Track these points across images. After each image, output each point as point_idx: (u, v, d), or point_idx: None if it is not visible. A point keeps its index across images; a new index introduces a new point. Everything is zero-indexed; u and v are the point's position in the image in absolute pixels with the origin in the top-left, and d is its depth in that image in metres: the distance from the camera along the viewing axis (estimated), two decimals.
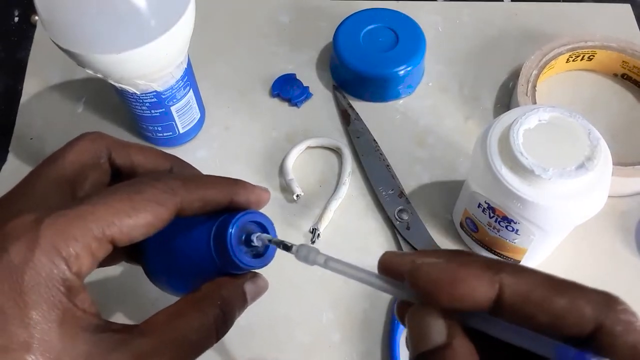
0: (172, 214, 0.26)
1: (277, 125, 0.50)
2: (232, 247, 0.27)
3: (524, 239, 0.38)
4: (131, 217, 0.25)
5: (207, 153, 0.49)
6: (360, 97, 0.52)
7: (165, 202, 0.26)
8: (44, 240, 0.23)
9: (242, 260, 0.27)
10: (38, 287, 0.22)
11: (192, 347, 0.25)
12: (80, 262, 0.24)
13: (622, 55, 0.51)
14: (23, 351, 0.22)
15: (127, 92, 0.41)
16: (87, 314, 0.24)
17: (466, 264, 0.21)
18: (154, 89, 0.41)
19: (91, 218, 0.24)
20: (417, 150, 0.49)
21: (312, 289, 0.42)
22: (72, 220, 0.24)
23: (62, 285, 0.23)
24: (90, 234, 0.24)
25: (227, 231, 0.27)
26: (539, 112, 0.36)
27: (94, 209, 0.24)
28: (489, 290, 0.20)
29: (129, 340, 0.24)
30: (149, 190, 0.26)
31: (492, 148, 0.35)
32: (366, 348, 0.40)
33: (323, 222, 0.44)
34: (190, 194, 0.27)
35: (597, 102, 0.52)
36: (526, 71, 0.50)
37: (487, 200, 0.37)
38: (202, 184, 0.28)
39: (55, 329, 0.22)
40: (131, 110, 0.44)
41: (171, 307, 0.26)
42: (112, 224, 0.24)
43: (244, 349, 0.40)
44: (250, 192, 0.30)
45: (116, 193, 0.25)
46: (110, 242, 0.24)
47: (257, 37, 0.56)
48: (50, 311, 0.23)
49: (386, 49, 0.50)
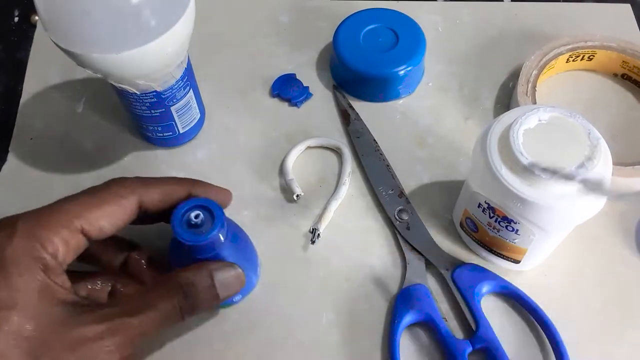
0: (133, 205, 0.32)
1: (277, 125, 0.50)
2: (175, 226, 0.32)
3: (524, 239, 0.38)
4: (97, 209, 0.31)
5: (207, 153, 0.49)
6: (360, 97, 0.52)
7: (126, 196, 0.32)
8: (21, 229, 0.28)
9: (183, 236, 0.32)
10: (18, 261, 0.27)
11: (155, 319, 0.30)
12: (54, 247, 0.29)
13: (622, 56, 0.51)
14: (9, 310, 0.27)
15: (127, 92, 0.41)
16: (62, 288, 0.29)
17: None
18: (154, 89, 0.41)
19: (61, 211, 0.30)
20: (417, 150, 0.49)
21: (312, 289, 0.42)
22: (45, 213, 0.30)
23: (40, 262, 0.28)
24: (60, 224, 0.29)
25: (172, 214, 0.33)
26: (539, 112, 0.36)
27: (64, 204, 0.30)
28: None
29: (97, 309, 0.29)
30: (112, 188, 0.32)
31: (492, 148, 0.35)
32: (366, 348, 0.40)
33: (323, 222, 0.44)
34: (148, 188, 0.33)
35: (597, 102, 0.52)
36: (526, 71, 0.50)
37: (487, 200, 0.37)
38: (160, 181, 0.34)
39: (35, 295, 0.27)
40: (131, 110, 0.44)
41: (142, 287, 0.34)
42: (80, 215, 0.30)
43: (244, 349, 0.40)
44: (209, 190, 0.35)
45: (85, 192, 0.32)
46: (82, 232, 0.30)
47: (257, 37, 0.56)
48: (30, 281, 0.27)
49: (386, 49, 0.50)
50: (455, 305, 0.41)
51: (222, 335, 0.40)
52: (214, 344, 0.40)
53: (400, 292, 0.41)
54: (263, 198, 0.46)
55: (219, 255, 0.35)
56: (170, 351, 0.40)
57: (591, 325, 0.40)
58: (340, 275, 0.43)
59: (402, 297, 0.40)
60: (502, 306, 0.41)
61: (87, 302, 0.29)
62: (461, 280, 0.41)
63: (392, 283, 0.42)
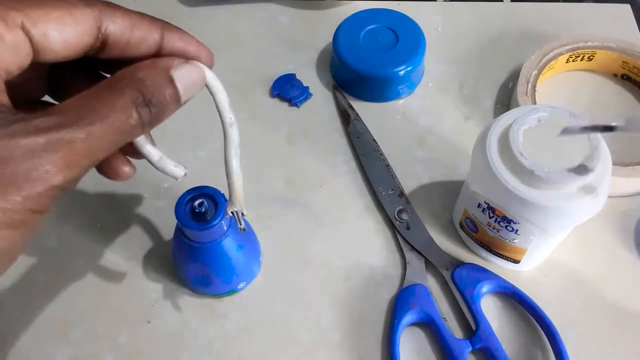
0: (90, 22, 0.25)
1: (277, 125, 0.50)
2: (179, 214, 0.33)
3: (524, 239, 0.38)
4: (41, 9, 0.23)
5: (206, 153, 0.49)
6: (360, 97, 0.52)
7: (81, 7, 0.24)
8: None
9: (187, 224, 0.33)
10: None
11: (106, 130, 0.23)
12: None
13: (622, 56, 0.51)
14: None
15: None
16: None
17: None
18: None
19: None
20: (417, 150, 0.49)
21: (312, 289, 0.42)
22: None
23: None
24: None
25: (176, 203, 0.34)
26: (538, 112, 0.36)
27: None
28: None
29: (31, 117, 0.22)
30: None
31: (492, 148, 0.35)
32: (366, 348, 0.40)
33: (237, 197, 0.31)
34: (113, 11, 0.26)
35: (597, 102, 0.52)
36: (526, 71, 0.50)
37: (487, 200, 0.37)
38: (129, 11, 0.26)
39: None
40: None
41: (85, 91, 0.24)
42: (19, 9, 0.23)
43: (244, 349, 0.40)
44: (185, 39, 0.28)
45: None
46: (22, 30, 0.23)
47: (257, 37, 0.56)
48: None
49: (386, 49, 0.51)
50: (455, 305, 0.41)
51: (222, 335, 0.40)
52: (214, 344, 0.40)
53: (400, 292, 0.41)
54: (263, 198, 0.46)
55: (221, 244, 0.36)
56: (170, 351, 0.40)
57: (591, 325, 0.40)
58: (340, 275, 0.43)
59: (402, 297, 0.40)
60: (502, 306, 0.41)
61: (18, 113, 0.22)
62: (461, 280, 0.41)
63: (392, 283, 0.42)
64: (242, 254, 0.39)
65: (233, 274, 0.39)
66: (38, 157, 0.21)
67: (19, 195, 0.21)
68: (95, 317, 0.41)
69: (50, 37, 0.23)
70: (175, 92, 0.26)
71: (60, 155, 0.22)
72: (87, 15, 0.25)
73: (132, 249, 0.44)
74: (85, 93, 0.24)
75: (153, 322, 0.41)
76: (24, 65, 0.23)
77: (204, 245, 0.36)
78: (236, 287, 0.41)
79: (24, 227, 0.22)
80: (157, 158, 0.29)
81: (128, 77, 0.25)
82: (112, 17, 0.25)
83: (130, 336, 0.40)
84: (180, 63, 0.27)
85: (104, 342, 0.40)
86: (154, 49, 0.27)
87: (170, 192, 0.46)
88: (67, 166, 0.22)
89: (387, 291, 0.42)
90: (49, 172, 0.21)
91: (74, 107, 0.23)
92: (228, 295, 0.42)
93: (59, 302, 0.42)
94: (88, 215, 0.45)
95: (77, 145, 0.22)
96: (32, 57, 0.24)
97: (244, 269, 0.40)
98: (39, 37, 0.23)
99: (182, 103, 0.27)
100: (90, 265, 0.43)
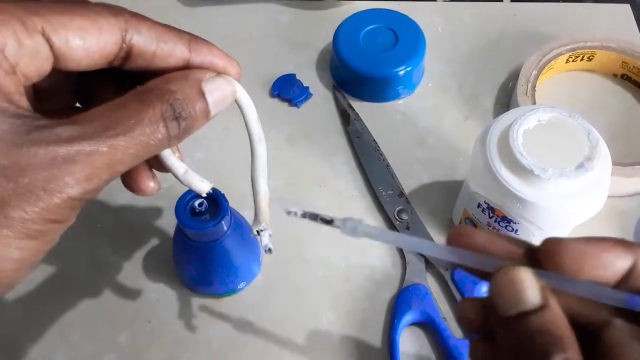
0: (115, 33, 0.23)
1: (277, 125, 0.51)
2: (179, 213, 0.34)
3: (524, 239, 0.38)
4: (64, 16, 0.22)
5: (206, 154, 0.49)
6: (360, 97, 0.52)
7: (107, 17, 0.23)
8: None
9: (187, 223, 0.33)
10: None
11: (130, 142, 0.22)
12: (2, 39, 0.21)
13: (622, 56, 0.51)
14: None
15: None
16: (11, 102, 0.21)
17: (601, 240, 0.22)
18: None
19: (16, 1, 0.22)
20: (417, 150, 0.49)
21: (312, 289, 0.42)
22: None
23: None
24: (11, 14, 0.21)
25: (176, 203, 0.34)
26: (538, 113, 0.36)
27: (29, 4, 0.22)
28: (625, 263, 0.22)
29: (54, 125, 0.21)
30: (92, 6, 0.24)
31: (492, 148, 0.35)
32: (366, 348, 0.40)
33: (263, 215, 0.31)
34: (139, 21, 0.24)
35: (597, 102, 0.52)
36: (526, 71, 0.50)
37: (487, 200, 0.37)
38: (155, 22, 0.25)
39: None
40: None
41: (112, 101, 0.23)
42: (41, 14, 0.22)
43: (244, 349, 0.40)
44: (214, 53, 0.27)
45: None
46: (43, 36, 0.22)
47: (257, 37, 0.56)
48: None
49: (386, 49, 0.51)
50: (455, 305, 0.41)
51: (222, 335, 0.40)
52: (213, 344, 0.40)
53: (400, 292, 0.41)
54: None
55: (222, 244, 0.36)
56: (170, 351, 0.40)
57: None
58: (340, 275, 0.43)
59: (402, 297, 0.40)
60: None
61: (41, 119, 0.21)
62: (461, 280, 0.41)
63: (392, 283, 0.42)
64: (242, 254, 0.39)
65: (233, 274, 0.39)
66: (58, 167, 0.20)
67: (36, 205, 0.20)
68: (95, 317, 0.41)
69: (71, 45, 0.23)
70: (206, 106, 0.25)
71: (80, 168, 0.21)
72: (112, 25, 0.24)
73: (132, 249, 0.44)
74: (113, 103, 0.23)
75: (153, 322, 0.41)
76: (43, 72, 0.23)
77: (204, 245, 0.36)
78: (236, 287, 0.41)
79: (44, 236, 0.21)
80: (182, 172, 0.28)
81: (159, 88, 0.24)
82: (137, 27, 0.24)
83: (130, 336, 0.40)
84: (212, 76, 0.26)
85: (104, 343, 0.40)
86: (182, 62, 0.26)
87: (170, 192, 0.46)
88: (86, 178, 0.21)
89: (387, 291, 0.42)
90: (67, 183, 0.21)
91: (99, 116, 0.22)
92: (228, 295, 0.42)
93: (59, 303, 0.42)
94: (88, 216, 0.45)
95: (98, 158, 0.21)
96: (54, 64, 0.23)
97: (244, 269, 0.40)
98: (59, 44, 0.22)
99: (211, 117, 0.26)
100: (90, 266, 0.43)
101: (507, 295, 0.21)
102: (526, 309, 0.21)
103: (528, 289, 0.21)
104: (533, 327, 0.20)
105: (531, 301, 0.21)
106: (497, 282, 0.22)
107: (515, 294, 0.21)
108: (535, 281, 0.21)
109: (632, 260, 0.22)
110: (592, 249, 0.22)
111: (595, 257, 0.22)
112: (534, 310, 0.21)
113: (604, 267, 0.22)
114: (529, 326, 0.21)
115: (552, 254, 0.22)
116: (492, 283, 0.22)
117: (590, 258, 0.22)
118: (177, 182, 0.42)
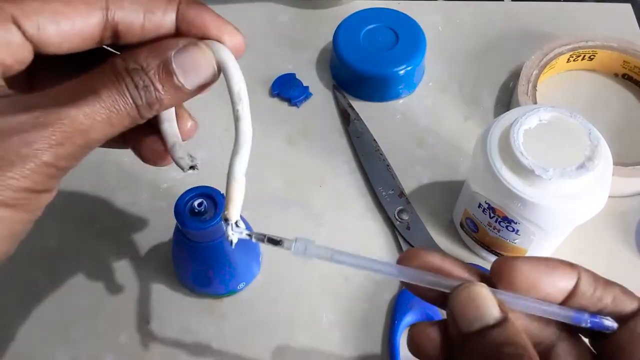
0: (97, 14, 0.23)
1: (277, 125, 0.50)
2: (178, 214, 0.34)
3: (525, 239, 0.38)
4: (38, 0, 0.22)
5: (206, 154, 0.49)
6: (360, 97, 0.52)
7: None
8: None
9: (186, 223, 0.33)
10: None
11: (99, 111, 0.22)
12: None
13: (623, 55, 0.51)
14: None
15: None
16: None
17: (548, 260, 0.23)
18: None
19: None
20: (417, 150, 0.49)
21: (312, 289, 0.42)
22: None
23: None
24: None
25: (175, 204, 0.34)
26: (539, 112, 0.35)
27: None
28: (571, 282, 0.23)
29: (24, 97, 0.22)
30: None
31: (493, 148, 0.35)
32: (366, 348, 0.40)
33: (232, 202, 0.26)
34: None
35: (598, 102, 0.52)
36: (527, 71, 0.50)
37: (487, 200, 0.37)
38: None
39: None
40: None
41: (84, 74, 0.23)
42: (12, 1, 0.22)
43: (244, 349, 0.40)
44: (206, 18, 0.26)
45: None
46: (13, 23, 0.22)
47: (257, 37, 0.56)
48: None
49: (386, 48, 0.50)
50: None
51: (222, 335, 0.40)
52: (213, 344, 0.40)
53: (401, 292, 0.41)
54: (262, 198, 0.46)
55: (221, 244, 0.36)
56: (170, 351, 0.40)
57: None
58: (340, 275, 0.43)
59: (402, 297, 0.40)
60: None
61: (13, 94, 0.22)
62: None
63: (392, 283, 0.42)
64: (242, 254, 0.39)
65: (233, 274, 0.39)
66: (27, 132, 0.20)
67: (10, 171, 0.20)
68: (95, 317, 0.41)
69: (45, 31, 0.22)
70: (171, 77, 0.24)
71: (51, 132, 0.21)
72: (90, 4, 0.23)
73: (132, 249, 0.44)
74: (85, 74, 0.23)
75: (153, 322, 0.41)
76: (24, 59, 0.23)
77: (203, 245, 0.36)
78: (236, 287, 0.41)
79: (24, 207, 0.21)
80: (170, 143, 0.26)
81: (126, 60, 0.23)
82: (119, 3, 0.23)
83: (130, 336, 0.40)
84: (186, 44, 0.24)
85: (104, 343, 0.40)
86: (173, 30, 0.24)
87: (170, 192, 0.46)
88: (57, 143, 0.21)
89: (387, 291, 0.42)
90: (40, 148, 0.21)
91: (68, 86, 0.22)
92: (228, 296, 0.41)
93: (59, 303, 0.42)
94: (88, 216, 0.45)
95: (68, 122, 0.21)
96: (34, 50, 0.22)
97: (244, 269, 0.40)
98: (32, 31, 0.22)
99: (189, 89, 0.25)
100: (90, 266, 0.43)
101: (468, 311, 0.21)
102: (489, 323, 0.21)
103: (490, 303, 0.21)
104: (499, 340, 0.21)
105: (493, 315, 0.21)
106: (457, 299, 0.22)
107: (477, 309, 0.21)
108: (494, 296, 0.22)
109: (575, 280, 0.23)
110: (543, 267, 0.22)
111: (545, 275, 0.22)
112: (497, 324, 0.21)
113: (552, 286, 0.22)
114: (494, 340, 0.21)
115: (505, 273, 0.22)
116: (451, 300, 0.22)
117: (542, 276, 0.22)
118: (177, 182, 0.42)
